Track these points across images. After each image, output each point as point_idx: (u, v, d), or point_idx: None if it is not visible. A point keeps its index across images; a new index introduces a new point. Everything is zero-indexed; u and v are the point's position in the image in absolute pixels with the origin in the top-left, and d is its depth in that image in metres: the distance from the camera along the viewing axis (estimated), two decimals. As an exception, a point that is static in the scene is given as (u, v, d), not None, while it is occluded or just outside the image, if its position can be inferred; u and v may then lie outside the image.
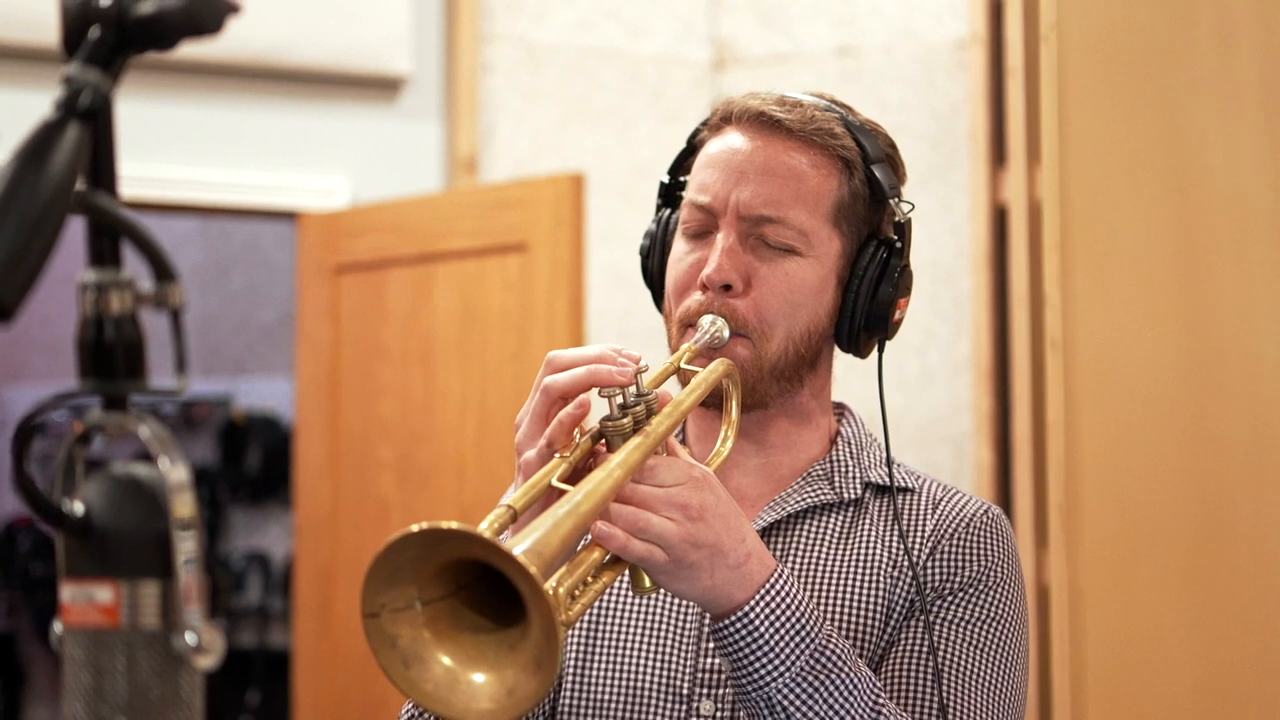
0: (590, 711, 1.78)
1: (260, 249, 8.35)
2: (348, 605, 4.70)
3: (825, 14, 5.16)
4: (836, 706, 1.59)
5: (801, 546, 1.82)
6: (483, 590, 1.38)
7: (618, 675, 1.78)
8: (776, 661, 1.58)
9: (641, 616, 1.81)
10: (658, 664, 1.77)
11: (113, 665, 1.02)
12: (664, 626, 1.79)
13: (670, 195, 1.93)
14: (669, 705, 1.75)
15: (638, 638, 1.79)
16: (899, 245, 1.83)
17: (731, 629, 1.58)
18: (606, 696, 1.78)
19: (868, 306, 1.81)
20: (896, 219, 1.83)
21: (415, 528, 1.31)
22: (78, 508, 1.02)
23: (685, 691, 1.76)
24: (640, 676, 1.77)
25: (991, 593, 1.79)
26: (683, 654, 1.77)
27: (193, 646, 1.03)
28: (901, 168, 1.88)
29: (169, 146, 4.76)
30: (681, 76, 5.22)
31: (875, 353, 1.87)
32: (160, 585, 1.03)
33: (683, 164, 1.91)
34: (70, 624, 1.03)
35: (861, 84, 5.01)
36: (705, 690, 1.75)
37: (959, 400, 4.86)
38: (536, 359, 4.26)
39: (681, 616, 1.79)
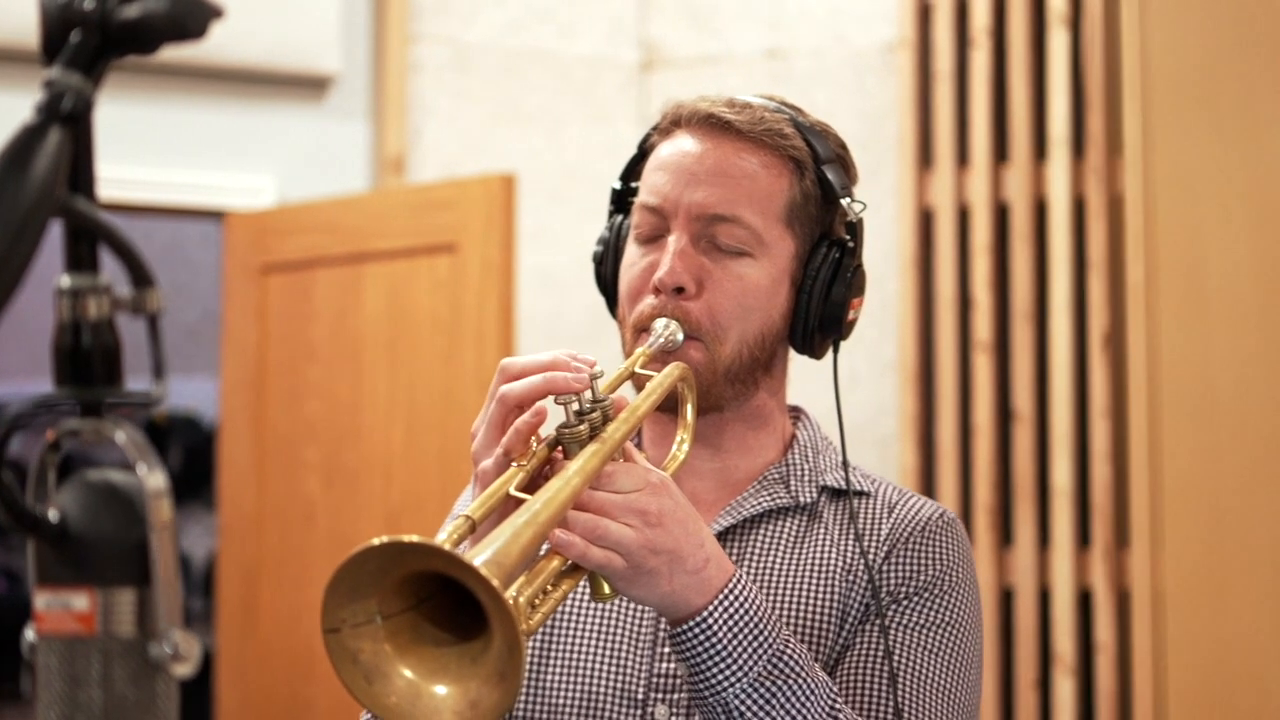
0: (545, 716, 1.77)
1: (182, 248, 8.28)
2: (272, 606, 4.66)
3: (754, 17, 5.17)
4: (793, 712, 1.59)
5: (757, 550, 1.82)
6: (444, 603, 1.37)
7: (572, 680, 1.78)
8: (734, 667, 1.58)
9: (596, 621, 1.80)
10: (613, 669, 1.77)
11: (88, 673, 1.01)
12: (619, 631, 1.79)
13: (622, 201, 1.92)
14: (624, 710, 1.75)
15: (592, 642, 1.79)
16: (851, 245, 1.83)
17: (689, 634, 1.58)
18: (561, 701, 1.77)
19: (821, 307, 1.81)
20: (848, 219, 1.83)
21: (375, 541, 1.30)
22: (52, 514, 1.01)
23: (640, 696, 1.75)
24: (595, 681, 1.77)
25: (946, 597, 1.79)
26: (638, 659, 1.77)
27: (170, 654, 1.02)
28: (853, 168, 1.88)
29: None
30: (611, 78, 5.22)
31: (830, 354, 1.88)
32: (136, 592, 1.02)
33: (634, 169, 1.90)
34: (44, 632, 1.01)
35: (790, 87, 5.02)
36: (660, 695, 1.75)
37: (884, 402, 4.89)
38: (466, 360, 4.30)
39: (636, 621, 1.79)
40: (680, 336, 1.76)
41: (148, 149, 4.81)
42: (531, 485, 1.55)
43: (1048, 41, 4.74)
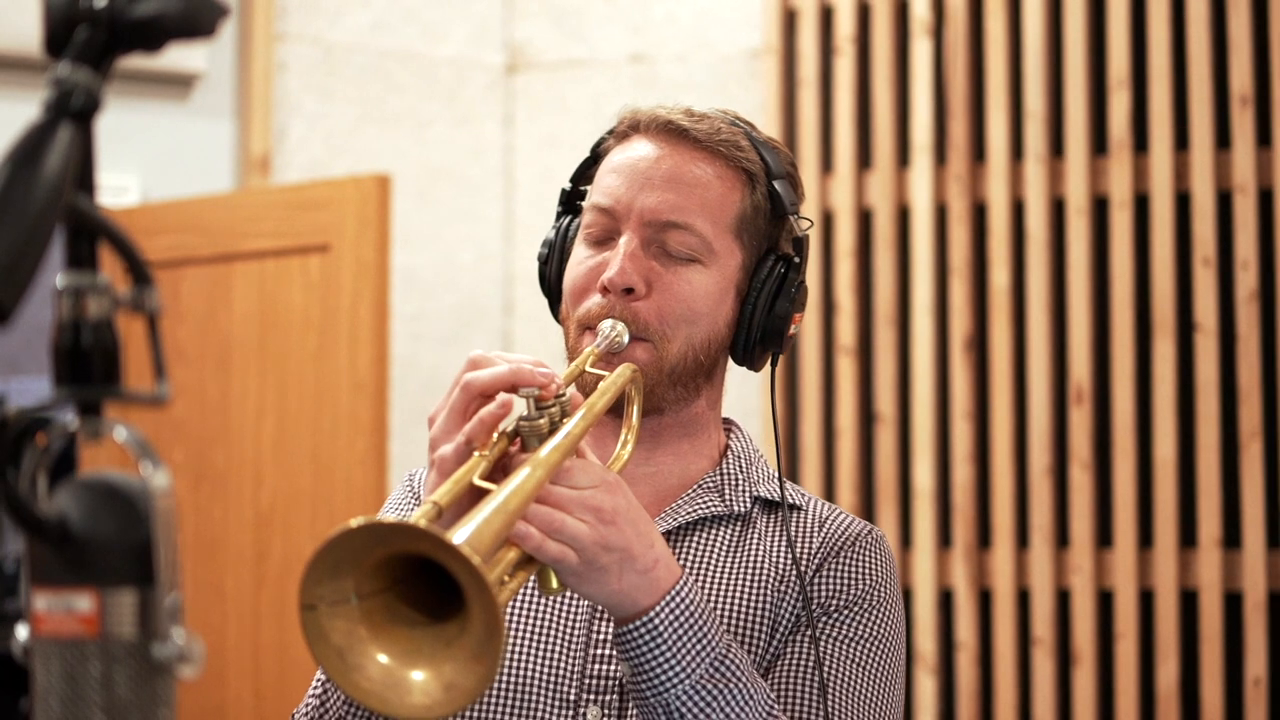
0: (477, 715, 1.78)
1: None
2: (136, 610, 4.60)
3: (620, 21, 5.19)
4: (733, 715, 1.61)
5: (692, 557, 1.84)
6: (416, 586, 1.38)
7: (504, 679, 1.78)
8: (678, 668, 1.60)
9: (530, 620, 1.81)
10: (545, 668, 1.78)
11: (88, 675, 1.01)
12: (552, 631, 1.80)
13: (571, 203, 1.93)
14: (556, 710, 1.76)
15: (525, 642, 1.79)
16: (796, 261, 1.85)
17: (635, 634, 1.60)
18: (492, 700, 1.78)
19: (764, 320, 1.83)
20: (795, 235, 1.85)
21: (354, 522, 1.31)
22: (53, 515, 1.00)
23: (572, 697, 1.76)
24: (527, 681, 1.77)
25: (874, 612, 1.83)
26: (571, 659, 1.78)
27: (174, 655, 1.02)
28: (800, 185, 1.91)
29: (-48, 140, 4.61)
30: (476, 79, 5.21)
31: (768, 366, 1.90)
32: (139, 593, 1.01)
33: (585, 172, 1.92)
34: (44, 633, 1.01)
35: (655, 91, 5.05)
36: (592, 696, 1.76)
37: (748, 405, 4.93)
38: (339, 360, 4.28)
39: (570, 622, 1.80)
40: (626, 339, 1.77)
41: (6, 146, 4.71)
42: (491, 475, 1.55)
43: (911, 50, 4.81)
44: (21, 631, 1.03)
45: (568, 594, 1.79)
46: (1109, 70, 4.59)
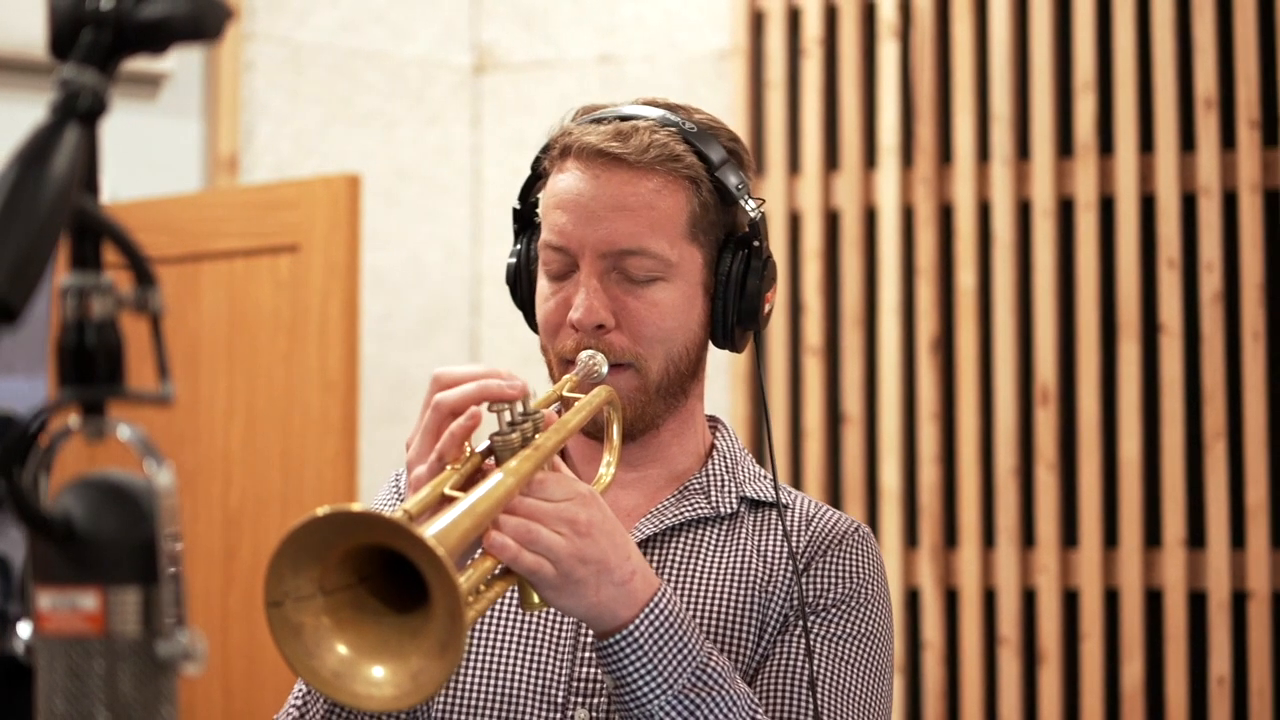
0: (463, 717, 1.79)
1: None
2: (102, 610, 4.58)
3: (587, 22, 5.20)
4: None
5: (678, 559, 1.85)
6: (383, 584, 1.39)
7: (492, 682, 1.79)
8: (660, 679, 1.61)
9: (517, 624, 1.82)
10: (533, 671, 1.79)
11: (92, 672, 1.01)
12: (540, 634, 1.81)
13: (524, 220, 1.93)
14: (543, 713, 1.77)
15: (513, 645, 1.80)
16: (756, 244, 1.85)
17: (616, 647, 1.61)
18: (480, 703, 1.78)
19: (738, 305, 1.84)
20: (751, 215, 1.84)
21: (321, 511, 1.32)
22: (58, 513, 1.01)
23: (560, 700, 1.77)
24: (515, 683, 1.78)
25: (863, 609, 1.84)
26: (558, 662, 1.79)
27: (179, 653, 1.02)
28: (746, 157, 1.88)
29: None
30: (444, 80, 5.21)
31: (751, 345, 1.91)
32: (143, 591, 1.02)
33: (531, 189, 1.91)
34: (48, 632, 1.01)
35: (623, 92, 5.02)
36: (580, 699, 1.77)
37: (716, 404, 4.94)
38: (309, 360, 4.28)
39: (556, 625, 1.81)
40: (604, 369, 1.78)
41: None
42: (465, 488, 1.56)
43: (878, 52, 4.83)
44: (23, 630, 1.04)
45: None
46: (1074, 73, 4.62)
